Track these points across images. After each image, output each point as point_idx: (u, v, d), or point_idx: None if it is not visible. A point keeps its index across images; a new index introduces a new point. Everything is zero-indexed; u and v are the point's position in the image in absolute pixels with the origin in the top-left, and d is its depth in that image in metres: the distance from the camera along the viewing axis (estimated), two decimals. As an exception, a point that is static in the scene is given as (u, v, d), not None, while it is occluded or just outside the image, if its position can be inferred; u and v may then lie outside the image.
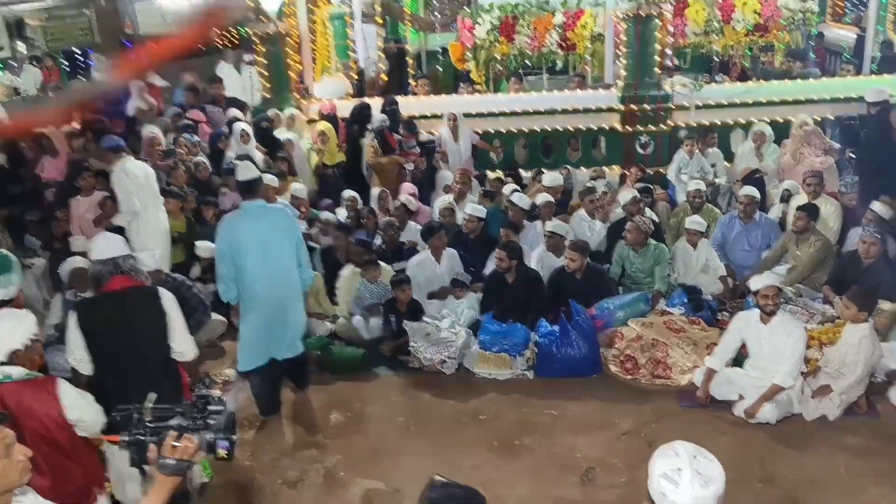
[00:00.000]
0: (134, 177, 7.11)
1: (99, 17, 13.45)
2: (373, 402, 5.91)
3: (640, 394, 5.75)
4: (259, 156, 8.95)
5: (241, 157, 8.80)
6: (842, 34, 13.40)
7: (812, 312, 6.15)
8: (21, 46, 15.01)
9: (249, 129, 9.25)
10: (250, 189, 5.38)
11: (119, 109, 10.28)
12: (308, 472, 5.05)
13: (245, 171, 5.46)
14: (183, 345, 4.18)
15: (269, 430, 5.56)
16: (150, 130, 8.59)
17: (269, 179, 7.96)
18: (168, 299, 4.13)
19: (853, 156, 8.14)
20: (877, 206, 6.66)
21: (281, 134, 9.58)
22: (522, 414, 5.62)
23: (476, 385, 6.02)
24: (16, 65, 14.69)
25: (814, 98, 9.29)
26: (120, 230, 7.06)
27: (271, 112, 9.85)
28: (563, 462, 5.00)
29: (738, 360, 5.63)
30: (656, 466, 2.07)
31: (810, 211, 6.82)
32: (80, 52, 15.86)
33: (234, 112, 10.01)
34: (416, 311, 6.51)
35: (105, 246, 4.11)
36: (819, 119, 8.83)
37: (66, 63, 15.70)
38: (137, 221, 7.16)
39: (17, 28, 14.79)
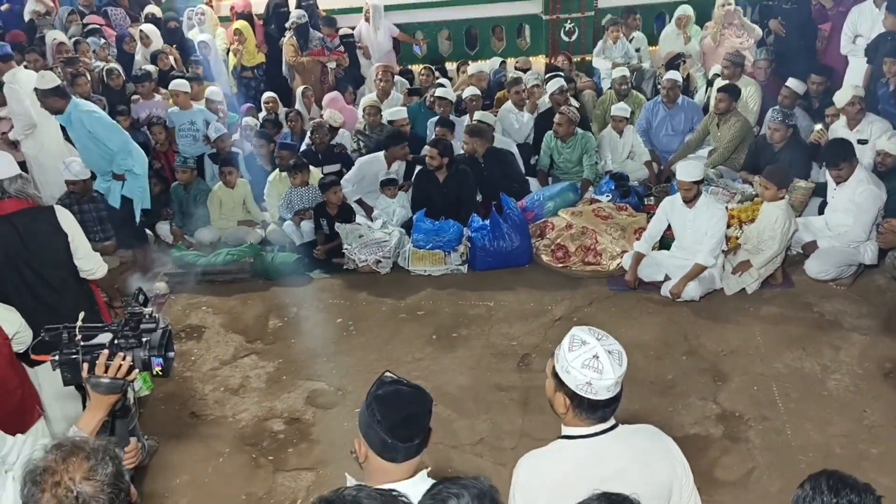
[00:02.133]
0: (24, 88, 6.68)
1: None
2: (310, 305, 5.93)
3: (572, 281, 5.92)
4: (170, 55, 8.54)
5: (153, 57, 8.40)
6: None
7: (733, 192, 6.35)
8: None
9: (150, 31, 8.74)
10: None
11: (15, 13, 9.57)
12: (249, 377, 5.09)
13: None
14: (89, 262, 4.02)
15: (206, 341, 5.55)
16: (54, 35, 8.03)
17: (180, 84, 7.61)
18: (66, 217, 3.93)
19: (771, 35, 8.21)
20: (791, 83, 6.81)
21: (194, 35, 9.11)
22: (459, 307, 5.73)
23: (412, 283, 6.09)
24: None
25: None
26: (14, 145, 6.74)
27: (189, 11, 9.33)
28: (500, 350, 5.17)
29: (667, 243, 5.82)
30: (571, 361, 2.11)
31: (731, 92, 6.91)
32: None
33: (151, 9, 9.44)
34: (347, 214, 6.47)
35: (2, 165, 3.84)
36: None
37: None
38: (35, 135, 6.78)
39: None
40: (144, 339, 2.38)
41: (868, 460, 4.01)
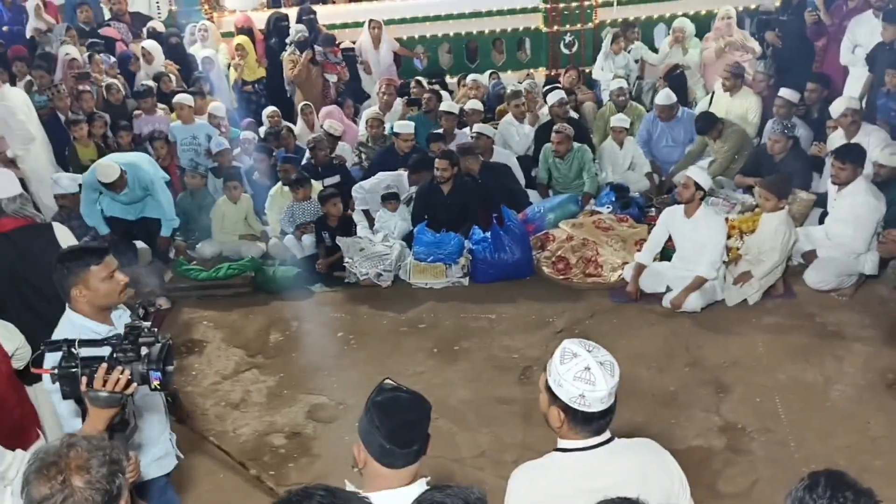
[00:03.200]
0: (15, 104, 6.72)
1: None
2: (311, 319, 5.93)
3: (573, 292, 5.92)
4: (173, 74, 8.59)
5: (156, 77, 8.45)
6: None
7: (733, 203, 6.35)
8: None
9: (152, 47, 8.78)
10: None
11: (17, 31, 9.62)
12: (251, 392, 5.09)
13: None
14: None
15: (207, 355, 5.55)
16: (67, 51, 8.07)
17: (184, 98, 7.67)
18: (64, 233, 3.95)
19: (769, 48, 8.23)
20: (784, 92, 6.85)
21: (196, 50, 9.15)
22: (460, 320, 5.73)
23: (413, 295, 6.09)
24: None
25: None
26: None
27: (191, 27, 9.39)
28: (501, 363, 5.16)
29: (668, 254, 5.82)
30: (563, 374, 2.11)
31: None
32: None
33: (154, 24, 9.50)
34: (347, 226, 6.47)
35: (3, 184, 3.86)
36: (740, 10, 8.86)
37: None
38: (33, 150, 6.83)
39: None
40: (143, 353, 2.39)
41: (872, 472, 3.97)
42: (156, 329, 2.51)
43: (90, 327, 2.79)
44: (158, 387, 2.39)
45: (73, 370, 2.33)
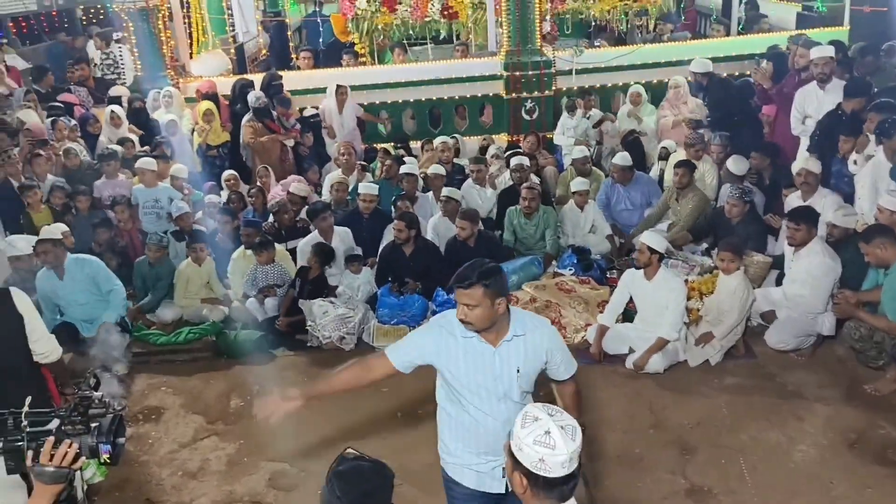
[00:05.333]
0: None
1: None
2: (272, 384, 5.79)
3: (537, 354, 5.90)
4: (134, 138, 8.59)
5: (121, 141, 8.44)
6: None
7: (692, 265, 6.47)
8: None
9: (121, 112, 8.82)
10: None
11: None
12: (210, 460, 4.94)
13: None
14: (44, 345, 3.89)
15: (165, 423, 5.40)
16: (30, 118, 8.01)
17: (147, 163, 7.66)
18: (22, 299, 3.82)
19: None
20: (730, 164, 7.09)
21: (159, 115, 9.18)
22: (424, 383, 5.60)
23: (377, 359, 6.01)
24: None
25: (685, 59, 9.65)
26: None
27: (155, 93, 9.43)
28: (466, 427, 5.09)
29: (630, 315, 5.87)
30: (524, 438, 2.09)
31: (689, 166, 7.15)
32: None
33: (118, 90, 9.52)
34: (321, 285, 6.44)
35: None
36: (690, 80, 9.19)
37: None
38: None
39: None
40: (93, 425, 2.29)
41: (837, 532, 3.99)
42: (107, 399, 2.43)
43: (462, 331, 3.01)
44: (109, 460, 2.29)
45: (19, 444, 2.24)
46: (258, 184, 8.05)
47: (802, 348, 5.66)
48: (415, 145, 9.59)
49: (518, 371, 3.04)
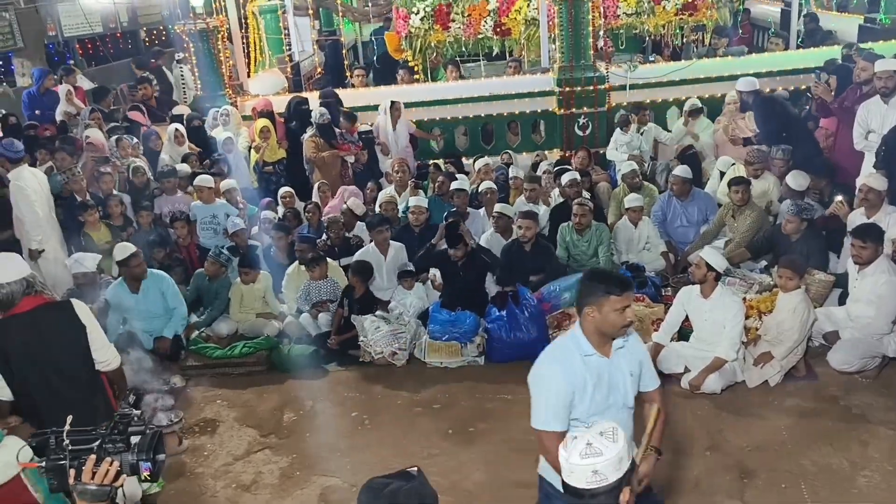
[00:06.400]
0: (27, 184, 6.94)
1: (20, 19, 12.93)
2: (325, 398, 5.88)
3: (590, 373, 5.83)
4: (195, 156, 8.82)
5: (184, 159, 8.68)
6: (768, 9, 13.73)
7: (750, 283, 6.31)
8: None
9: (183, 130, 9.07)
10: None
11: (48, 115, 9.97)
12: (262, 473, 5.00)
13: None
14: (106, 353, 4.00)
15: (220, 435, 5.48)
16: (94, 134, 8.30)
17: (204, 180, 7.85)
18: (83, 309, 3.94)
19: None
20: (789, 179, 6.90)
21: (217, 133, 9.40)
22: (476, 400, 5.65)
23: (428, 375, 6.03)
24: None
25: (741, 74, 9.47)
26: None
27: (213, 111, 9.69)
28: (520, 445, 5.03)
29: (685, 333, 5.76)
30: (570, 460, 2.07)
31: (747, 183, 7.00)
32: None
33: (179, 109, 9.81)
34: (369, 303, 6.48)
35: (11, 266, 3.81)
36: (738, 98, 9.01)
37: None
38: (43, 231, 7.01)
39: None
40: (133, 442, 2.33)
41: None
42: (145, 418, 2.47)
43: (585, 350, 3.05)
44: (149, 477, 2.33)
45: (62, 462, 2.28)
46: (317, 199, 8.17)
47: (867, 370, 5.46)
48: (467, 161, 9.61)
49: (630, 375, 3.13)
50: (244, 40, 11.15)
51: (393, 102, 9.29)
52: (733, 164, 7.87)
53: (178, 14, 10.68)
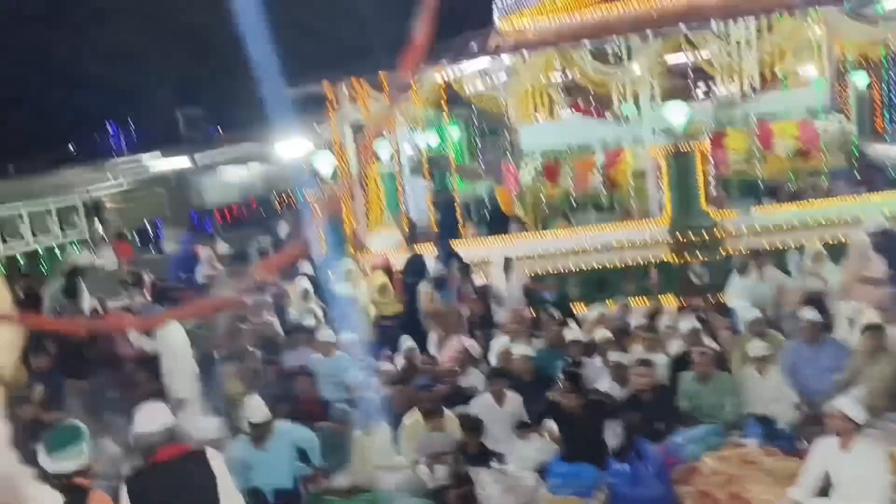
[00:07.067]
0: (173, 341, 7.47)
1: (170, 193, 14.43)
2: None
3: (723, 533, 5.45)
4: (319, 311, 9.26)
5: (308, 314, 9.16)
6: (885, 150, 13.46)
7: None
8: (99, 227, 16.07)
9: (311, 288, 9.60)
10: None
11: (190, 277, 10.86)
12: None
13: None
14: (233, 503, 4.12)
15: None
16: (226, 293, 8.93)
17: (328, 335, 8.21)
18: (217, 460, 4.10)
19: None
20: None
21: (339, 288, 9.89)
22: None
23: (548, 532, 5.80)
24: (93, 245, 15.68)
25: (861, 216, 9.25)
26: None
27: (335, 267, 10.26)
28: None
29: (825, 489, 5.34)
30: None
31: (881, 328, 6.65)
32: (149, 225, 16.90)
33: (305, 267, 10.46)
34: (483, 456, 6.40)
35: (155, 415, 4.09)
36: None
37: (137, 237, 16.70)
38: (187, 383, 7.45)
39: (95, 210, 15.93)
40: None
41: None
42: None
43: None
44: None
45: None
46: (434, 352, 8.34)
47: None
48: (581, 310, 9.62)
49: None
50: (364, 199, 11.93)
51: (507, 259, 9.56)
52: (862, 309, 7.50)
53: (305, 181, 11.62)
